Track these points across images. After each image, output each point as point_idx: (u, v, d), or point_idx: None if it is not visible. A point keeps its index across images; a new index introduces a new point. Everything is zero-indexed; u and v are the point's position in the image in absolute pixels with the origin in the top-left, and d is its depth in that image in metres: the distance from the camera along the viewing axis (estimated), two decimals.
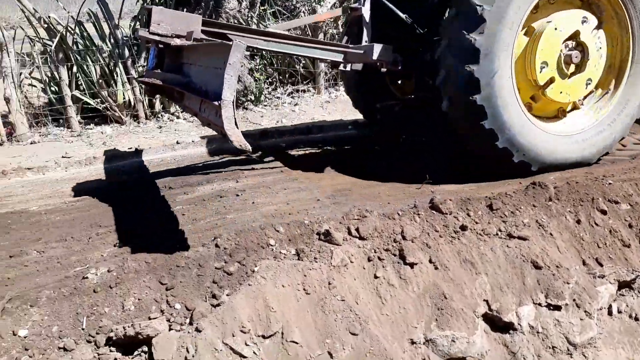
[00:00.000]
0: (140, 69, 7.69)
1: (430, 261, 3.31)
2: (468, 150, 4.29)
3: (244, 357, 2.70)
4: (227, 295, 2.99)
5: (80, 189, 4.94)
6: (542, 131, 4.17)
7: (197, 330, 2.74)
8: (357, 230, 3.41)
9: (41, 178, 5.50)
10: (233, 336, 2.75)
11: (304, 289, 3.06)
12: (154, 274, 3.06)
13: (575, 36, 4.20)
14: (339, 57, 4.32)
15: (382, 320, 3.09)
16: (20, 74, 7.46)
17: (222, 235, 3.34)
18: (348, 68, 4.83)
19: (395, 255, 3.30)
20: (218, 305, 2.92)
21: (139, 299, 2.94)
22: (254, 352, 2.73)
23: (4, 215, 4.34)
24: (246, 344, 2.75)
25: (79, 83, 7.66)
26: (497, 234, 3.55)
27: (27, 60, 7.82)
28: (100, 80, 7.58)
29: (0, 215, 4.33)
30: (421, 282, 3.22)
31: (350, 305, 3.04)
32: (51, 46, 7.23)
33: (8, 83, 6.93)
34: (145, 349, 2.72)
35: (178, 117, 7.89)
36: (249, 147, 2.76)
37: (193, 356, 2.63)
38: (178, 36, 3.70)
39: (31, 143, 6.81)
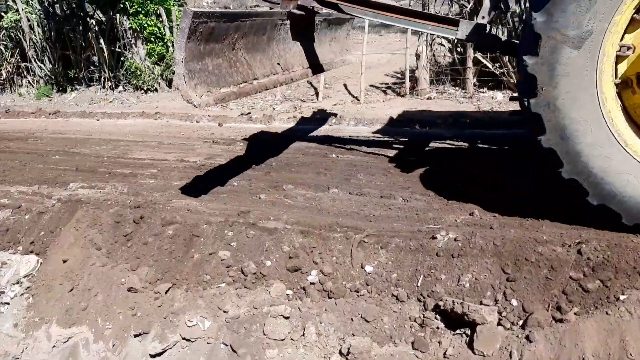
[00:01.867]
0: None
1: None
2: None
3: None
4: (575, 314, 2.50)
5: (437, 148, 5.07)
6: None
7: (528, 339, 2.41)
8: None
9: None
10: None
11: None
12: (498, 258, 2.83)
13: None
14: (453, 34, 3.86)
15: None
16: None
17: (589, 241, 2.78)
18: None
19: None
20: (560, 320, 2.48)
21: (475, 279, 2.79)
22: None
23: (368, 155, 4.89)
24: None
25: None
26: None
27: None
28: None
29: (369, 155, 4.90)
30: None
31: None
32: (466, 7, 7.48)
33: (422, 40, 7.61)
34: (468, 331, 2.58)
35: None
36: (194, 102, 3.00)
37: None
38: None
39: (427, 98, 7.39)
